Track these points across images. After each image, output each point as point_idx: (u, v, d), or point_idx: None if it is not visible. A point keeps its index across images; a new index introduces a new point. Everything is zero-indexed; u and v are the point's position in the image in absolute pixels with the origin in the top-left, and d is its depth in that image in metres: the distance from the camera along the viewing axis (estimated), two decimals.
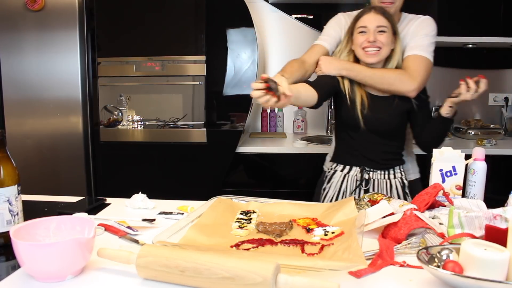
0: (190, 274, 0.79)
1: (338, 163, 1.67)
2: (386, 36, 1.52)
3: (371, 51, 1.52)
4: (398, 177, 1.63)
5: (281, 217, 1.17)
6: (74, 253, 0.82)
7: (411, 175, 1.76)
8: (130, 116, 2.62)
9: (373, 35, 1.51)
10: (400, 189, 1.63)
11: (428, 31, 1.64)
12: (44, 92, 2.51)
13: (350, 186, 1.63)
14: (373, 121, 1.57)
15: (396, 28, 1.57)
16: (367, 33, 1.53)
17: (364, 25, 1.53)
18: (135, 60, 2.50)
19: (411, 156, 1.79)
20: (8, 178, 1.00)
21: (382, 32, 1.52)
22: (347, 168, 1.64)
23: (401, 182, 1.63)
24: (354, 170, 1.63)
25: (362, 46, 1.54)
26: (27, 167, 2.46)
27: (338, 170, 1.66)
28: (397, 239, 1.00)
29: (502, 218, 0.96)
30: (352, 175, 1.63)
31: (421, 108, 1.60)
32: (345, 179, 1.64)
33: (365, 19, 1.54)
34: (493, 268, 0.76)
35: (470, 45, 2.84)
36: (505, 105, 2.98)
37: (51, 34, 2.47)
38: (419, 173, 1.80)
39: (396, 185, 1.62)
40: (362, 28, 1.54)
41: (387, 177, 1.62)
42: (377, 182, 1.61)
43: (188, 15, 2.46)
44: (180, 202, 1.35)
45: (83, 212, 1.22)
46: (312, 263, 0.82)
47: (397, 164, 1.64)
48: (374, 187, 1.61)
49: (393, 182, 1.62)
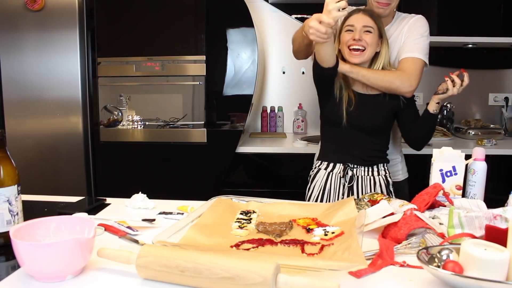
0: (190, 274, 0.79)
1: (323, 161, 1.70)
2: (372, 37, 1.56)
3: (355, 51, 1.55)
4: (382, 174, 1.66)
5: (281, 217, 1.17)
6: (74, 253, 0.82)
7: (401, 175, 1.81)
8: (130, 116, 2.62)
9: (359, 33, 1.55)
10: (384, 187, 1.65)
11: (423, 31, 1.66)
12: (44, 92, 2.50)
13: (334, 185, 1.65)
14: (357, 118, 1.60)
15: (383, 32, 1.60)
16: (353, 32, 1.56)
17: (351, 24, 1.57)
18: (135, 60, 2.50)
19: (401, 157, 1.83)
20: (8, 178, 0.99)
21: (368, 32, 1.56)
22: (331, 166, 1.67)
23: (385, 180, 1.66)
24: (338, 167, 1.66)
25: (347, 44, 1.57)
26: (27, 167, 2.46)
27: (322, 169, 1.69)
28: (397, 239, 1.00)
29: (502, 218, 0.96)
30: (336, 172, 1.65)
31: (408, 106, 1.64)
32: (329, 178, 1.66)
33: (352, 18, 1.58)
34: (493, 268, 0.76)
35: (470, 45, 2.84)
36: (505, 105, 2.98)
37: (51, 34, 2.47)
38: (407, 172, 1.86)
39: (380, 182, 1.65)
40: (349, 26, 1.58)
41: (371, 174, 1.65)
42: (361, 179, 1.64)
43: (188, 15, 2.46)
44: (180, 202, 1.35)
45: (83, 212, 1.22)
46: (312, 263, 0.82)
47: (381, 162, 1.67)
48: (358, 184, 1.64)
49: (377, 179, 1.65)
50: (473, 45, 2.84)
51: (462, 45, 2.86)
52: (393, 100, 1.62)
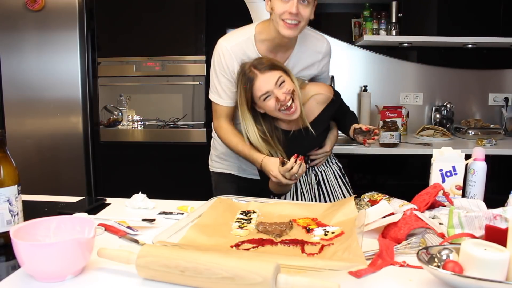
0: (190, 274, 0.79)
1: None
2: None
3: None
4: (334, 162, 1.71)
5: (281, 217, 1.17)
6: (74, 253, 0.82)
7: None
8: (130, 116, 2.62)
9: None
10: (339, 175, 1.69)
11: (329, 63, 1.70)
12: (44, 92, 2.51)
13: (305, 185, 1.63)
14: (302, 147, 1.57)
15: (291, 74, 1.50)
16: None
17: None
18: (135, 60, 2.51)
19: None
20: (8, 178, 0.99)
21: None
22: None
23: (338, 166, 1.72)
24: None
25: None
26: (27, 167, 2.46)
27: None
28: (397, 239, 1.00)
29: (502, 218, 0.96)
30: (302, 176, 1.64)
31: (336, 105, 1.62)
32: (296, 184, 1.62)
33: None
34: (493, 268, 0.76)
35: (470, 45, 2.84)
36: (505, 105, 2.98)
37: (51, 34, 2.47)
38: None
39: (335, 170, 1.69)
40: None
41: (329, 166, 1.68)
42: (324, 173, 1.66)
43: (188, 15, 2.46)
44: (180, 202, 1.35)
45: (83, 212, 1.22)
46: (312, 263, 0.82)
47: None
48: (323, 179, 1.65)
49: (333, 168, 1.69)
50: (473, 45, 2.84)
51: (462, 45, 2.86)
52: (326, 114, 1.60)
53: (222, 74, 1.55)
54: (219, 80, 1.57)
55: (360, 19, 2.92)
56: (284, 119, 1.50)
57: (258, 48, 1.54)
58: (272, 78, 1.43)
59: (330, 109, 1.59)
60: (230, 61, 1.53)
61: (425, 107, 3.05)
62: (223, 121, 1.60)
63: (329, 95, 1.59)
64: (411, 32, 2.69)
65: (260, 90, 1.43)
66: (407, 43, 2.78)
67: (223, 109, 1.59)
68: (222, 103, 1.59)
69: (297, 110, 1.46)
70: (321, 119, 1.59)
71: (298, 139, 1.56)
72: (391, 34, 2.75)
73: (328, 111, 1.59)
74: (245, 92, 1.46)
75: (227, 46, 1.53)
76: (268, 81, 1.42)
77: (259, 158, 1.48)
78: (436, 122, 2.98)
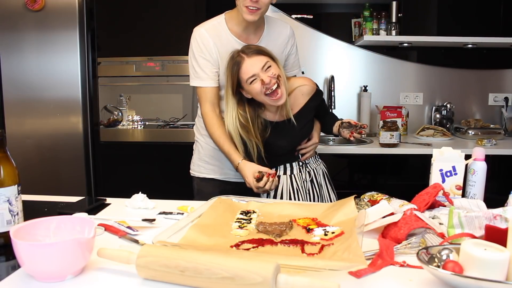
0: (190, 274, 0.79)
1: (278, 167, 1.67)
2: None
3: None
4: (320, 162, 1.75)
5: (281, 217, 1.17)
6: (74, 253, 0.82)
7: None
8: (130, 116, 2.62)
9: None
10: (324, 174, 1.73)
11: (295, 45, 1.78)
12: (44, 92, 2.51)
13: (300, 182, 1.65)
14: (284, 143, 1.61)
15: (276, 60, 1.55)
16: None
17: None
18: (135, 60, 2.51)
19: None
20: (8, 178, 0.99)
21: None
22: (288, 169, 1.66)
23: (324, 165, 1.77)
24: (295, 167, 1.66)
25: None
26: (27, 167, 2.46)
27: (282, 175, 1.65)
28: (397, 239, 1.00)
29: (502, 218, 0.96)
30: (297, 173, 1.66)
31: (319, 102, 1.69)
32: (293, 180, 1.65)
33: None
34: (493, 268, 0.76)
35: (470, 45, 2.84)
36: (505, 105, 2.98)
37: (51, 34, 2.47)
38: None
39: (323, 169, 1.73)
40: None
41: (318, 164, 1.72)
42: (315, 171, 1.70)
43: (188, 15, 2.46)
44: (180, 202, 1.35)
45: (83, 212, 1.22)
46: (312, 263, 0.82)
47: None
48: (315, 176, 1.68)
49: (321, 166, 1.73)
50: (473, 45, 2.84)
51: (462, 45, 2.86)
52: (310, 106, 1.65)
53: (200, 56, 1.62)
54: (198, 63, 1.62)
55: (360, 19, 2.92)
56: (270, 104, 1.53)
57: (230, 29, 1.64)
58: (259, 62, 1.48)
59: (314, 100, 1.65)
60: (206, 41, 1.61)
61: (425, 107, 3.06)
62: (208, 106, 1.64)
63: (314, 86, 1.66)
64: (411, 32, 2.69)
65: (247, 73, 1.48)
66: (407, 43, 2.78)
67: (206, 91, 1.64)
68: (204, 85, 1.63)
69: (282, 96, 1.50)
70: (306, 110, 1.64)
71: (281, 129, 1.59)
72: (391, 34, 2.75)
73: (312, 102, 1.65)
74: (231, 75, 1.51)
75: (201, 30, 1.63)
76: (254, 64, 1.48)
77: (236, 160, 1.55)
78: (436, 122, 2.98)
